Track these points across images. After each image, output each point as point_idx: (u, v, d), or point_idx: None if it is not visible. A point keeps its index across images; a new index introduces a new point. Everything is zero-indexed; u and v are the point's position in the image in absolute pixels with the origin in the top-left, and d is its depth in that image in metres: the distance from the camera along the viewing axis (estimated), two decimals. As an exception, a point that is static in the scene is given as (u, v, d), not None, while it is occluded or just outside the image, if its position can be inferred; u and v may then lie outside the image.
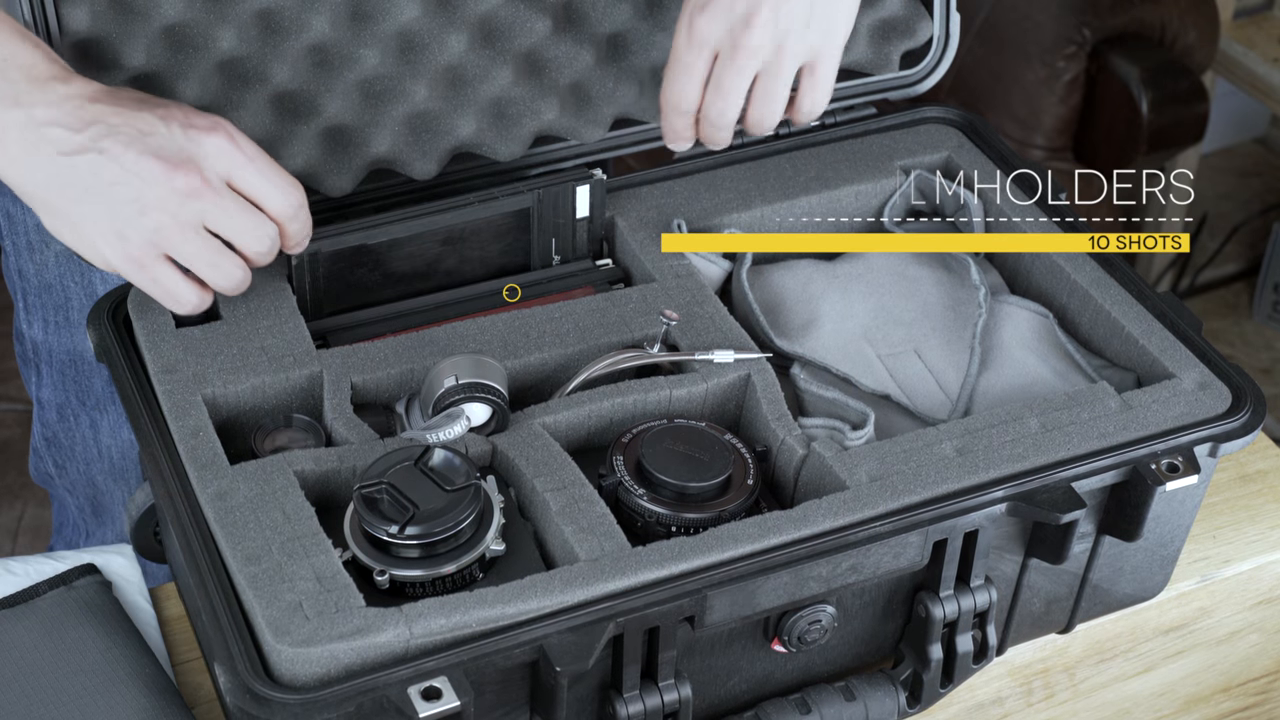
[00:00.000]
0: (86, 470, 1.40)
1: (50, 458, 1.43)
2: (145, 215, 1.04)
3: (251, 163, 1.07)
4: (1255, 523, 1.30)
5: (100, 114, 1.03)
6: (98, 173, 1.03)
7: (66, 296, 1.31)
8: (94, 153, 1.03)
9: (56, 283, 1.31)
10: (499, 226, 1.23)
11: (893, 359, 1.23)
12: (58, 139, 1.03)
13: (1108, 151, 2.46)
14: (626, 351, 1.16)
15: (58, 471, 1.44)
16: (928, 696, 1.13)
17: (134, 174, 1.03)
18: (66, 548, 1.49)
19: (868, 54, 1.34)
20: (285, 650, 0.95)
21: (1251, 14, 2.82)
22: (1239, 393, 1.14)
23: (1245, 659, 1.32)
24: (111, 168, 1.03)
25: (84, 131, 1.03)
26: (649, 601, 1.00)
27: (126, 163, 1.03)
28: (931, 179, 1.32)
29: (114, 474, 1.39)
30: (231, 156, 1.06)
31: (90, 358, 1.33)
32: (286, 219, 1.09)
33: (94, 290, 1.31)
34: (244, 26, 1.17)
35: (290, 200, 1.09)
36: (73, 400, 1.37)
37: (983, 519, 1.07)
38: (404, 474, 1.03)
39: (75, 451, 1.40)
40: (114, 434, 1.37)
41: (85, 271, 1.30)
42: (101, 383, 1.35)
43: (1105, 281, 1.23)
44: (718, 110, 1.17)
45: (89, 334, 1.16)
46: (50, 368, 1.36)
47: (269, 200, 1.08)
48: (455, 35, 1.22)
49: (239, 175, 1.06)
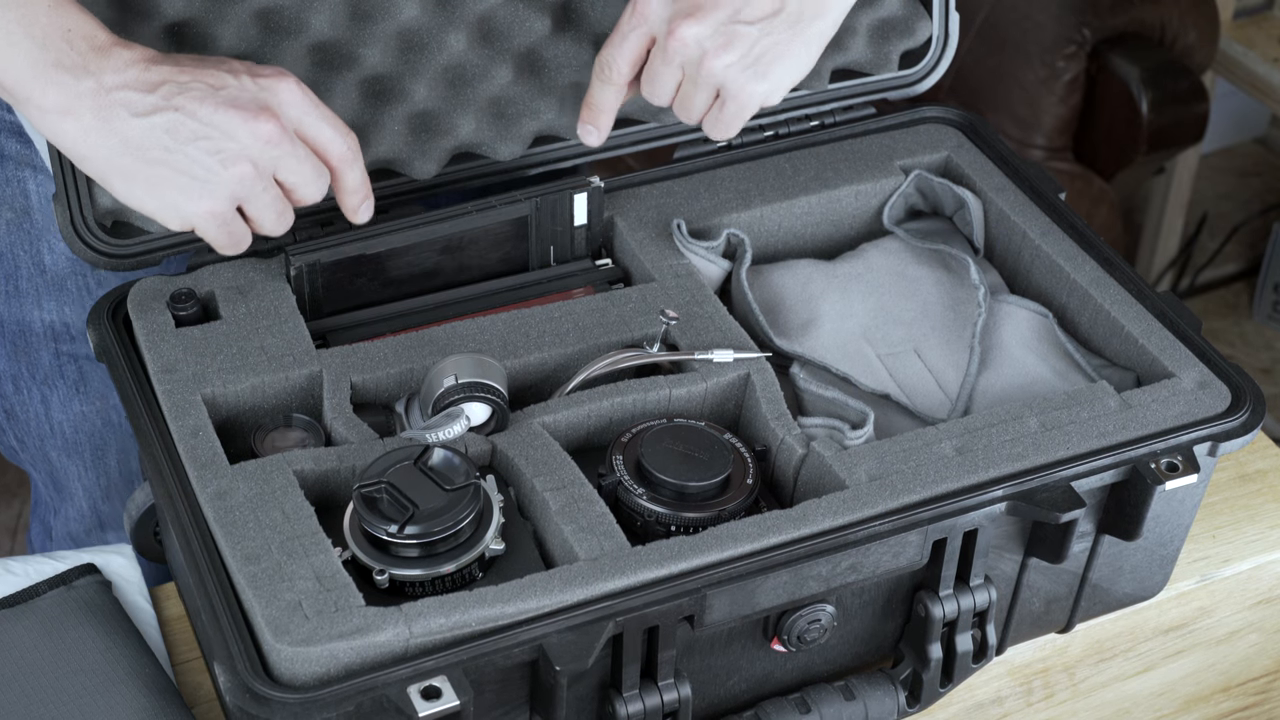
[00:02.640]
0: (41, 446, 1.39)
1: (11, 431, 1.42)
2: (229, 167, 1.05)
3: (317, 109, 1.08)
4: (1255, 522, 1.30)
5: (167, 74, 1.04)
6: (175, 130, 1.04)
7: (16, 265, 1.30)
8: (169, 110, 1.04)
9: (7, 250, 1.30)
10: (497, 234, 1.23)
11: (892, 358, 1.23)
12: (130, 101, 1.03)
13: (1108, 151, 2.46)
14: (626, 351, 1.16)
15: (19, 445, 1.43)
16: (927, 696, 1.13)
17: (213, 126, 1.04)
18: (41, 525, 1.48)
19: (867, 54, 1.34)
20: (285, 650, 0.95)
21: (1251, 14, 2.82)
22: (1238, 392, 1.14)
23: (1245, 659, 1.32)
24: (189, 124, 1.04)
25: (155, 92, 1.04)
26: (648, 601, 1.00)
27: (204, 116, 1.04)
28: (931, 179, 1.32)
29: (68, 448, 1.38)
30: (302, 103, 1.07)
31: (37, 330, 1.33)
32: (347, 165, 1.11)
33: (41, 260, 1.30)
34: (243, 26, 1.17)
35: (350, 144, 1.11)
36: (24, 372, 1.36)
37: (982, 518, 1.07)
38: (404, 473, 1.03)
39: (30, 426, 1.39)
40: (64, 407, 1.36)
41: (34, 241, 1.29)
42: (49, 356, 1.34)
43: (1105, 281, 1.23)
44: (648, 92, 1.17)
45: (89, 333, 1.16)
46: (3, 338, 1.35)
47: (332, 146, 1.10)
48: (455, 35, 1.22)
49: (308, 122, 1.08)
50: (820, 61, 1.33)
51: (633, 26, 1.14)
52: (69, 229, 1.15)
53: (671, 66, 1.14)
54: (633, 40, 1.15)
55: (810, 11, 1.14)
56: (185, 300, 1.15)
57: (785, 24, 1.13)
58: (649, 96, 1.17)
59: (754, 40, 1.13)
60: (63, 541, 1.45)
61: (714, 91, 1.15)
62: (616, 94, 1.19)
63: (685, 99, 1.17)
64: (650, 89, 1.17)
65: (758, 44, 1.13)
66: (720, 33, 1.12)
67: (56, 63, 1.02)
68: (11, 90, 1.03)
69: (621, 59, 1.16)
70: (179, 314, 1.15)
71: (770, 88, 1.16)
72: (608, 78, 1.17)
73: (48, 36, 1.02)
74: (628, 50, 1.15)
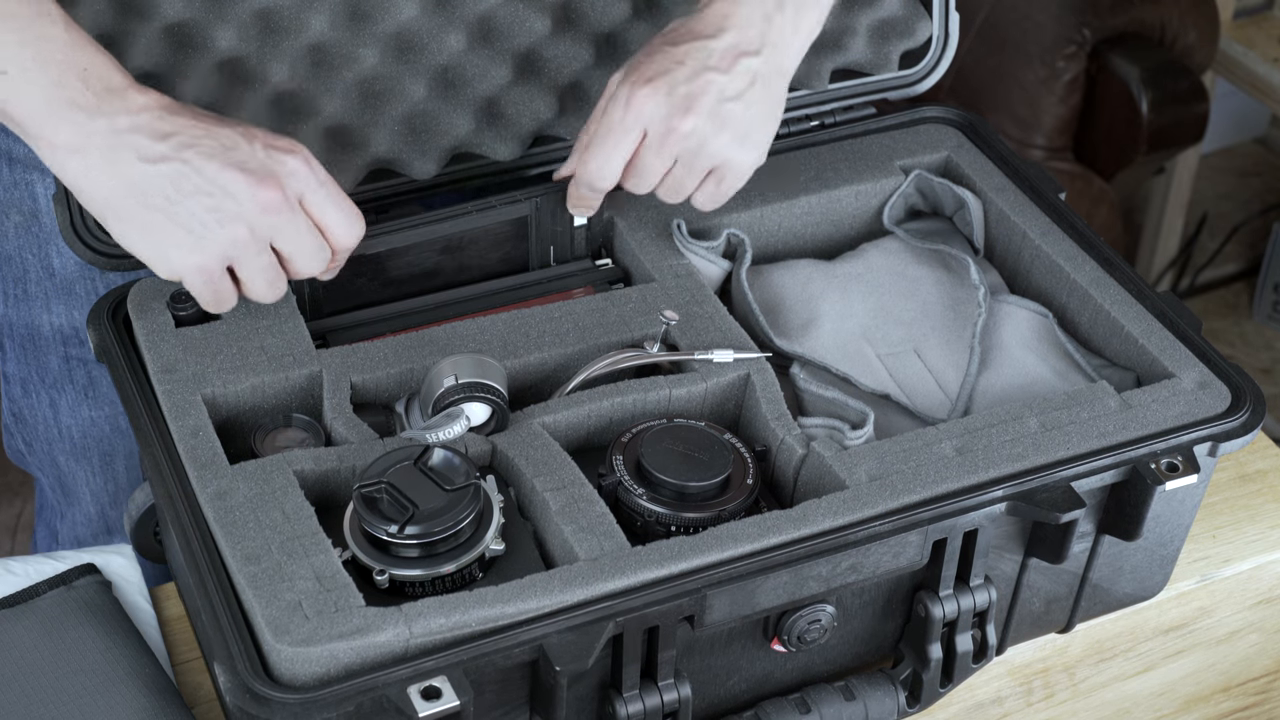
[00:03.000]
0: (49, 450, 1.40)
1: (19, 434, 1.42)
2: (224, 226, 1.06)
3: (324, 187, 1.08)
4: (1255, 522, 1.30)
5: (181, 125, 1.05)
6: (179, 182, 1.04)
7: (24, 269, 1.31)
8: (177, 162, 1.04)
9: (15, 255, 1.31)
10: (497, 235, 1.24)
11: (892, 359, 1.23)
12: (140, 146, 1.03)
13: (1108, 151, 2.46)
14: (626, 351, 1.16)
15: (27, 449, 1.43)
16: (927, 696, 1.13)
17: (217, 185, 1.05)
18: (46, 529, 1.49)
19: (867, 54, 1.34)
20: (285, 650, 0.95)
21: (1251, 14, 2.82)
22: (1238, 392, 1.14)
23: (1245, 659, 1.32)
24: (194, 178, 1.04)
25: (166, 141, 1.04)
26: (648, 601, 1.00)
27: (209, 174, 1.04)
28: (931, 179, 1.32)
29: (75, 453, 1.38)
30: (308, 179, 1.07)
31: (45, 334, 1.33)
32: (346, 249, 1.11)
33: (50, 264, 1.30)
34: (243, 26, 1.17)
35: (355, 231, 1.11)
36: (33, 376, 1.36)
37: (982, 518, 1.07)
38: (403, 474, 1.03)
39: (38, 430, 1.39)
40: (73, 412, 1.36)
41: (42, 244, 1.29)
42: (57, 360, 1.34)
43: (1105, 281, 1.23)
44: (631, 187, 1.18)
45: (89, 334, 1.16)
46: (12, 341, 1.36)
47: (336, 228, 1.10)
48: (454, 35, 1.22)
49: (313, 198, 1.08)
50: (820, 62, 1.33)
51: (627, 128, 1.14)
52: (69, 229, 1.15)
53: (664, 158, 1.15)
54: (628, 143, 1.15)
55: (775, 71, 1.17)
56: (185, 300, 1.15)
57: (760, 91, 1.16)
58: (633, 188, 1.18)
59: (741, 115, 1.15)
60: (69, 546, 1.45)
61: (707, 172, 1.17)
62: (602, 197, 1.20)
63: (677, 183, 1.18)
64: (637, 182, 1.17)
65: (744, 117, 1.15)
66: (714, 116, 1.14)
67: (70, 101, 1.02)
68: (23, 124, 1.03)
69: (615, 166, 1.16)
70: (179, 314, 1.15)
71: (759, 154, 1.18)
72: (603, 187, 1.18)
73: (64, 74, 1.02)
74: (622, 155, 1.15)
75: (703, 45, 1.14)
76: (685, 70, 1.13)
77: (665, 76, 1.13)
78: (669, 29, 1.17)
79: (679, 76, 1.13)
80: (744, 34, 1.15)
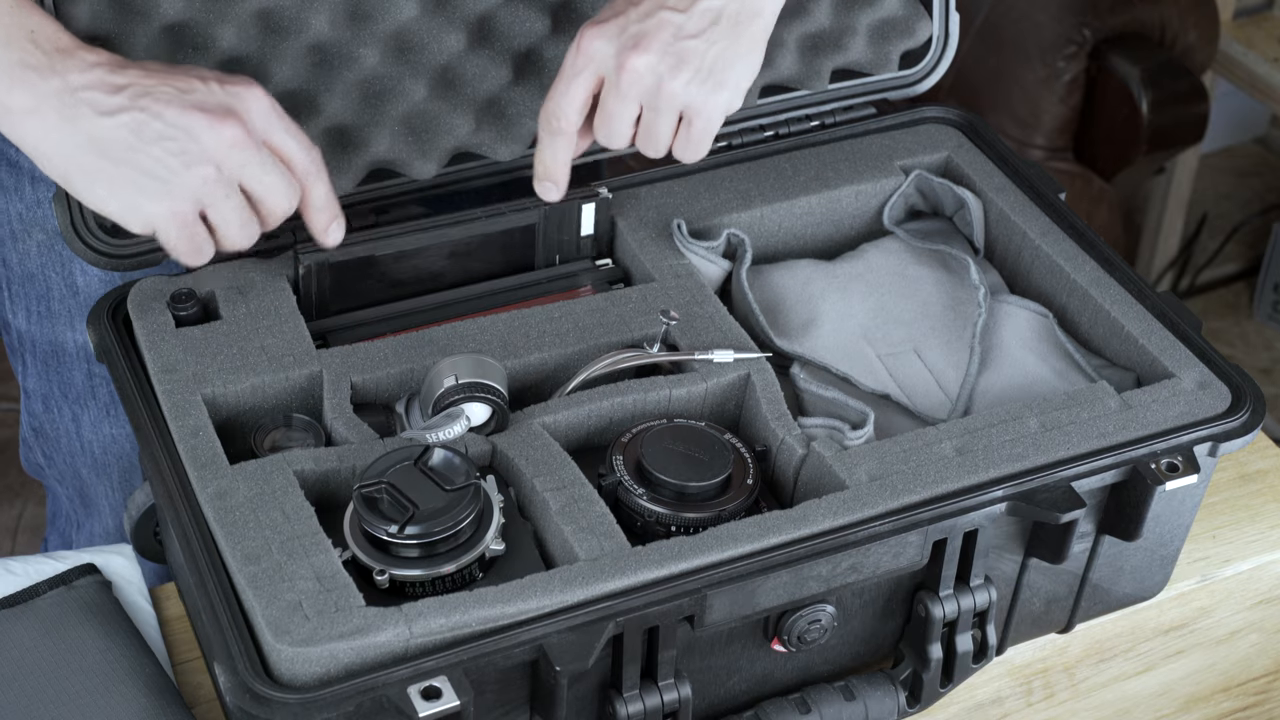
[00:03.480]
0: (71, 462, 1.40)
1: (39, 448, 1.43)
2: (191, 168, 1.05)
3: (282, 119, 1.09)
4: (1255, 522, 1.30)
5: (134, 77, 1.05)
6: (139, 130, 1.04)
7: (48, 287, 1.31)
8: (134, 110, 1.04)
9: (39, 273, 1.31)
10: (504, 241, 1.24)
11: (892, 359, 1.23)
12: (96, 101, 1.03)
13: (1108, 151, 2.46)
14: (626, 351, 1.16)
15: (46, 462, 1.43)
16: (927, 696, 1.13)
17: (178, 127, 1.04)
18: (60, 539, 1.49)
19: (867, 54, 1.34)
20: (285, 650, 0.95)
21: (1251, 14, 2.82)
22: (1239, 392, 1.14)
23: (1245, 659, 1.32)
24: (154, 124, 1.04)
25: (121, 93, 1.04)
26: (649, 601, 1.00)
27: (169, 118, 1.04)
28: (931, 179, 1.32)
29: (97, 468, 1.39)
30: (267, 112, 1.08)
31: (70, 350, 1.33)
32: (311, 178, 1.11)
33: (74, 282, 1.30)
34: (244, 26, 1.17)
35: (313, 158, 1.10)
36: (55, 392, 1.37)
37: (982, 519, 1.07)
38: (404, 474, 1.03)
39: (60, 443, 1.40)
40: (95, 428, 1.37)
41: (66, 263, 1.30)
42: (81, 376, 1.35)
43: (1105, 281, 1.23)
44: (604, 139, 1.16)
45: (89, 334, 1.16)
46: (34, 358, 1.36)
47: (296, 157, 1.10)
48: (454, 35, 1.22)
49: (274, 132, 1.08)
50: (820, 61, 1.33)
51: (578, 70, 1.13)
52: (69, 229, 1.15)
53: (628, 102, 1.14)
54: (580, 84, 1.14)
55: (747, 12, 1.14)
56: (185, 300, 1.15)
57: (726, 30, 1.14)
58: (606, 140, 1.16)
59: (702, 53, 1.13)
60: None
61: (677, 114, 1.15)
62: (568, 144, 1.17)
63: (648, 130, 1.15)
64: (607, 130, 1.15)
65: (706, 55, 1.13)
66: (669, 54, 1.12)
67: (21, 62, 1.02)
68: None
69: (569, 105, 1.14)
70: (179, 314, 1.15)
71: (730, 95, 1.16)
72: (558, 128, 1.16)
73: (11, 37, 1.02)
74: (575, 95, 1.14)
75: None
76: (639, 10, 1.12)
77: (618, 18, 1.13)
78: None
79: (632, 17, 1.12)
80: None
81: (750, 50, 1.16)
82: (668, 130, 1.16)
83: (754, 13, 1.15)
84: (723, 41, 1.13)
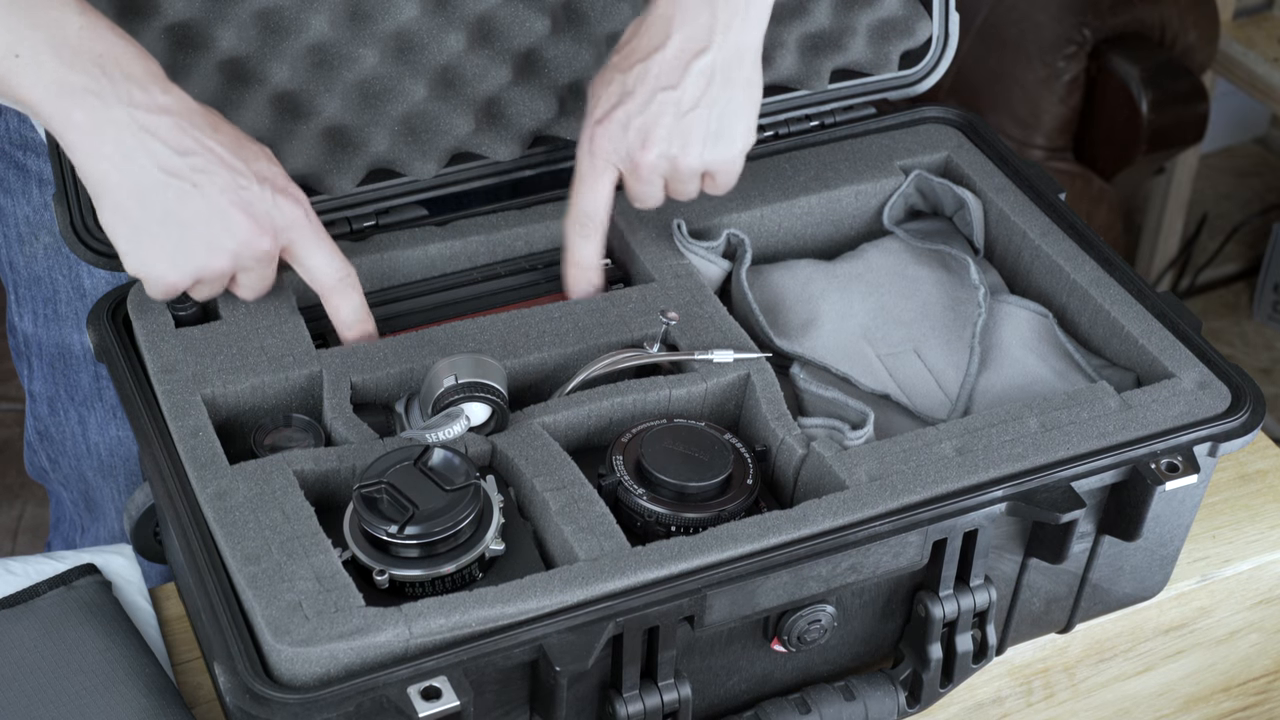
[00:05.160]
0: (77, 465, 1.40)
1: (44, 451, 1.43)
2: (212, 256, 1.08)
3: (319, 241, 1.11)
4: (1255, 522, 1.30)
5: (203, 142, 1.05)
6: (185, 201, 1.05)
7: (55, 290, 1.31)
8: (189, 183, 1.05)
9: (45, 275, 1.31)
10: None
11: (892, 359, 1.23)
12: (156, 152, 1.04)
13: (1108, 151, 2.46)
14: (626, 351, 1.16)
15: (51, 465, 1.43)
16: (927, 696, 1.13)
17: (218, 218, 1.06)
18: (64, 542, 1.49)
19: (867, 54, 1.34)
20: (285, 650, 0.95)
21: (1251, 14, 2.82)
22: (1238, 392, 1.14)
23: (1245, 659, 1.32)
24: (198, 204, 1.05)
25: (185, 158, 1.04)
26: (649, 601, 1.00)
27: (217, 207, 1.06)
28: (931, 179, 1.32)
29: (103, 471, 1.39)
30: (305, 236, 1.10)
31: (77, 353, 1.34)
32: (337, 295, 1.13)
33: (81, 285, 1.31)
34: (244, 26, 1.17)
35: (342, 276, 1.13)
36: (61, 394, 1.37)
37: (982, 519, 1.07)
38: (403, 474, 1.03)
39: (66, 446, 1.40)
40: (101, 431, 1.37)
41: (73, 265, 1.30)
42: (88, 379, 1.35)
43: (1105, 281, 1.23)
44: (640, 206, 1.20)
45: (89, 334, 1.16)
46: (40, 361, 1.36)
47: (322, 279, 1.12)
48: (454, 35, 1.22)
49: (308, 255, 1.11)
50: (820, 61, 1.33)
51: (597, 173, 1.17)
52: (68, 229, 1.15)
53: (653, 185, 1.18)
54: (602, 184, 1.18)
55: (734, 57, 1.16)
56: (185, 300, 1.15)
57: (721, 86, 1.16)
58: (641, 206, 1.21)
59: (706, 121, 1.16)
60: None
61: (700, 176, 1.19)
62: (601, 239, 1.21)
63: (678, 193, 1.20)
64: (641, 204, 1.20)
65: (710, 121, 1.16)
66: (675, 136, 1.15)
67: (84, 88, 1.01)
68: (36, 109, 1.02)
69: (598, 206, 1.19)
70: (179, 314, 1.15)
71: (744, 140, 1.19)
72: (591, 231, 1.19)
73: (77, 59, 1.01)
74: (600, 195, 1.18)
75: (650, 63, 1.14)
76: (636, 101, 1.15)
77: (618, 110, 1.15)
78: (621, 45, 1.17)
79: (632, 110, 1.15)
80: (691, 31, 1.14)
81: (748, 90, 1.18)
82: (694, 188, 1.20)
83: (740, 53, 1.17)
84: (722, 99, 1.16)
